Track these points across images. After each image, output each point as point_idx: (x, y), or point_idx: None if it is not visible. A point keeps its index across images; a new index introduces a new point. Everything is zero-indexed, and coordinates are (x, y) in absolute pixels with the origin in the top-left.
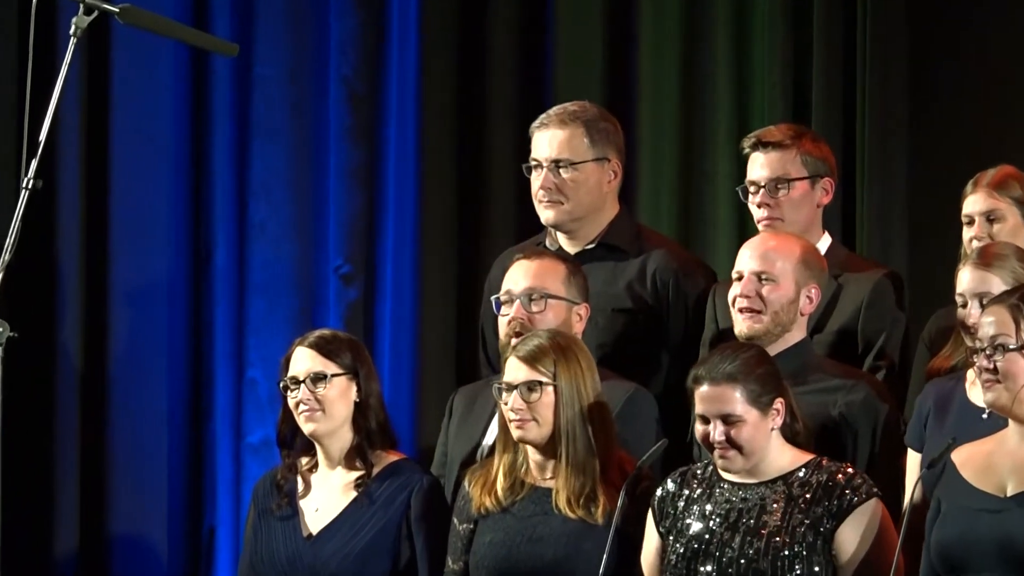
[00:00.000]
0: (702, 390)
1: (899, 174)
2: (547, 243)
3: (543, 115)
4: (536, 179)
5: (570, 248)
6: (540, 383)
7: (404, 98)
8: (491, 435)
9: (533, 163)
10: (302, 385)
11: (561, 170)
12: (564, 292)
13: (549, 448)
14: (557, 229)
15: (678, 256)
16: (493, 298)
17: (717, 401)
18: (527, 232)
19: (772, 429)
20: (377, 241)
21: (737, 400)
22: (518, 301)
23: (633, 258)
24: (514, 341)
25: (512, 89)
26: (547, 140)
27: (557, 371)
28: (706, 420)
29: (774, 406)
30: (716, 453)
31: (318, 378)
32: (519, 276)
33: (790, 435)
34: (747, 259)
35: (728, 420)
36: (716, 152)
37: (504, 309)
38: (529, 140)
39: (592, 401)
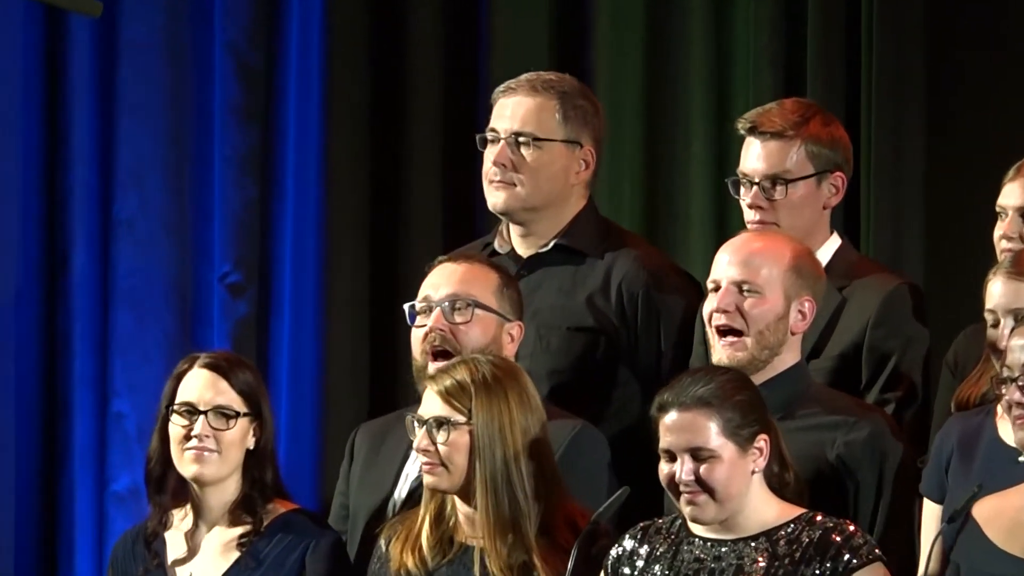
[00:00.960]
0: (668, 418)
1: (914, 160)
2: (496, 245)
3: (511, 80)
4: (490, 153)
5: (523, 250)
6: (450, 421)
7: (305, 71)
8: (405, 482)
9: (489, 134)
10: (200, 417)
11: (522, 146)
12: (495, 304)
13: (473, 500)
14: (507, 218)
15: (651, 262)
16: (407, 306)
17: (686, 431)
18: (455, 232)
19: (753, 472)
20: (272, 244)
21: (710, 431)
22: (438, 309)
23: (596, 264)
24: (433, 365)
25: (439, 55)
26: (511, 108)
27: (475, 408)
28: (672, 456)
29: (756, 443)
30: (683, 499)
31: (224, 413)
32: (441, 280)
33: (777, 486)
34: (725, 265)
35: (699, 455)
36: (689, 132)
37: (420, 319)
38: (463, 116)
39: (522, 448)
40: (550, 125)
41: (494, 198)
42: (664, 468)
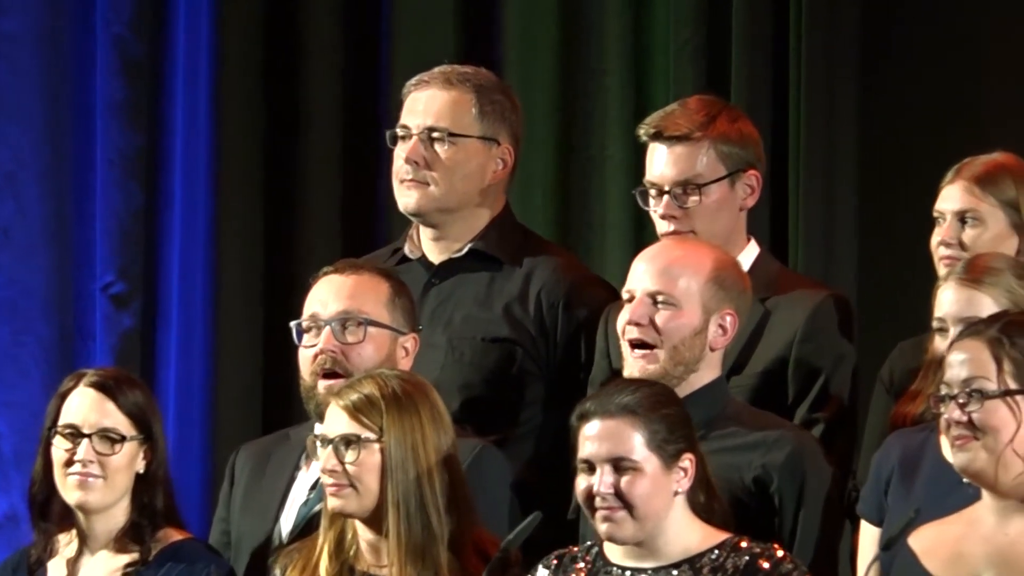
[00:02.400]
0: (590, 427)
1: (847, 161)
2: (407, 251)
3: (424, 73)
4: (401, 151)
5: (435, 256)
6: (360, 439)
7: (194, 64)
8: (292, 507)
9: (400, 130)
10: (84, 441)
11: (436, 143)
12: (387, 318)
13: (380, 524)
14: (419, 220)
15: (571, 271)
16: (293, 324)
17: (608, 440)
18: (356, 239)
19: (676, 493)
20: (159, 252)
21: (635, 441)
22: (328, 328)
23: (513, 272)
24: (325, 383)
25: (337, 49)
26: (424, 102)
27: (386, 425)
28: (591, 468)
29: (681, 462)
30: (599, 515)
31: (109, 437)
32: (328, 296)
33: (703, 514)
34: (641, 275)
35: (620, 466)
36: (605, 132)
37: (308, 339)
38: (363, 115)
39: (436, 468)
40: (466, 120)
41: (405, 198)
42: (582, 481)
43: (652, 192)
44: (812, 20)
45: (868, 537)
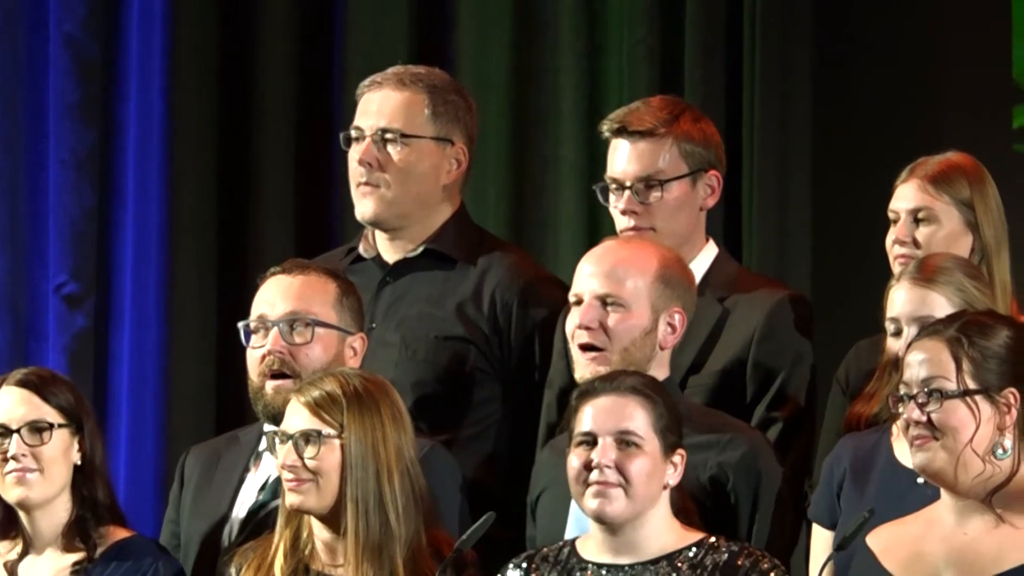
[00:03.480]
0: (597, 401)
1: (801, 162)
2: (361, 250)
3: (377, 74)
4: (355, 153)
5: (390, 256)
6: (320, 434)
7: (148, 64)
8: (242, 507)
9: (354, 132)
10: (14, 436)
11: (389, 144)
12: (335, 318)
13: (338, 522)
14: (377, 227)
15: (525, 272)
16: (241, 325)
17: (616, 414)
18: (309, 239)
19: (665, 486)
20: (112, 251)
21: (642, 419)
22: (275, 329)
23: (468, 271)
24: (278, 383)
25: (291, 48)
26: (377, 103)
27: (347, 422)
28: (593, 442)
29: (675, 455)
30: (592, 490)
31: (37, 427)
32: (276, 297)
33: (678, 516)
34: (587, 277)
35: (625, 439)
36: (558, 131)
37: (256, 340)
38: (317, 114)
39: (395, 466)
40: (419, 121)
41: (362, 207)
42: (578, 457)
43: (613, 187)
44: (766, 21)
45: (820, 541)
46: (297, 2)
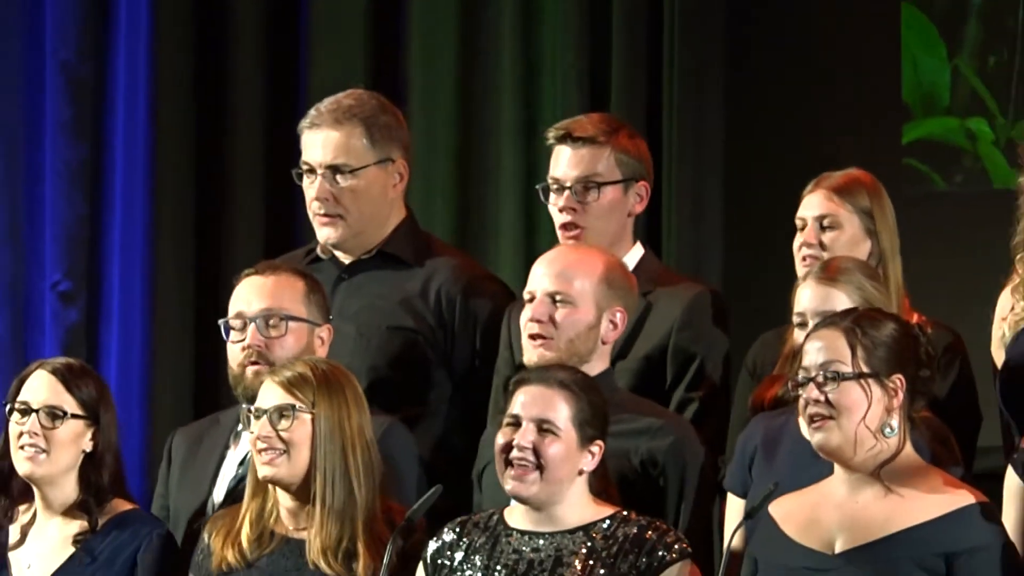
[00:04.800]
0: (527, 389)
1: (713, 175)
2: (319, 251)
3: (313, 111)
4: (309, 187)
5: (346, 258)
6: (294, 409)
7: (134, 85)
8: (223, 482)
9: (304, 167)
10: (33, 415)
11: (339, 176)
12: (305, 312)
13: (303, 492)
14: (337, 249)
15: (467, 271)
16: (222, 322)
17: (540, 403)
18: (276, 242)
19: (581, 472)
20: (102, 253)
21: (562, 412)
22: (252, 325)
23: (416, 270)
24: (254, 368)
25: (261, 74)
26: (320, 142)
27: (317, 399)
28: (517, 424)
29: (591, 446)
30: (511, 473)
31: (54, 413)
32: (251, 295)
33: (599, 496)
34: (540, 277)
35: (544, 427)
36: (499, 145)
37: (235, 335)
38: (284, 132)
39: (358, 441)
40: (360, 151)
41: (324, 233)
42: (503, 435)
43: (554, 188)
44: (681, 47)
45: (734, 508)
46: (266, 30)
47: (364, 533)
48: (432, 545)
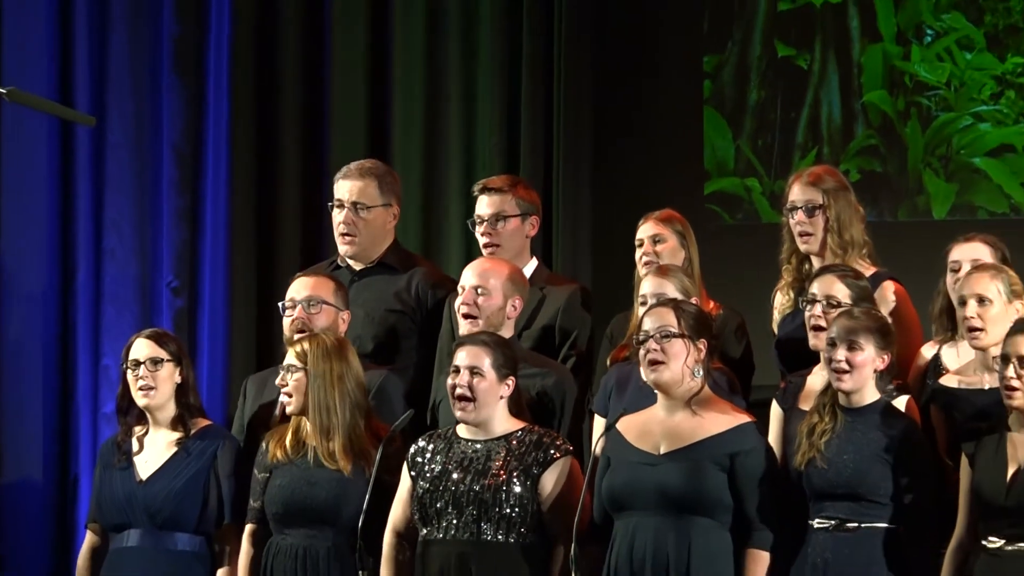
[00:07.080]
0: (463, 347)
1: (585, 212)
2: (339, 262)
3: (344, 167)
4: (338, 215)
5: (356, 266)
6: (295, 366)
7: (218, 156)
8: (279, 409)
9: (336, 202)
10: (141, 366)
11: (359, 210)
12: (333, 301)
13: (314, 418)
14: (351, 259)
15: (434, 274)
16: (280, 304)
17: (471, 356)
18: (311, 254)
19: (501, 397)
20: (198, 264)
21: (485, 361)
22: (299, 306)
23: (402, 274)
24: (298, 335)
25: (297, 153)
26: (348, 187)
27: (309, 359)
28: (457, 371)
29: (507, 380)
30: (456, 405)
31: (155, 361)
32: (300, 288)
33: (516, 413)
34: (468, 276)
35: (474, 371)
36: (449, 195)
37: (288, 312)
38: (314, 183)
39: (337, 385)
40: (373, 196)
41: (344, 249)
42: (451, 379)
43: (478, 222)
44: (565, 134)
45: (598, 424)
46: (300, 118)
47: (357, 444)
48: (412, 448)
